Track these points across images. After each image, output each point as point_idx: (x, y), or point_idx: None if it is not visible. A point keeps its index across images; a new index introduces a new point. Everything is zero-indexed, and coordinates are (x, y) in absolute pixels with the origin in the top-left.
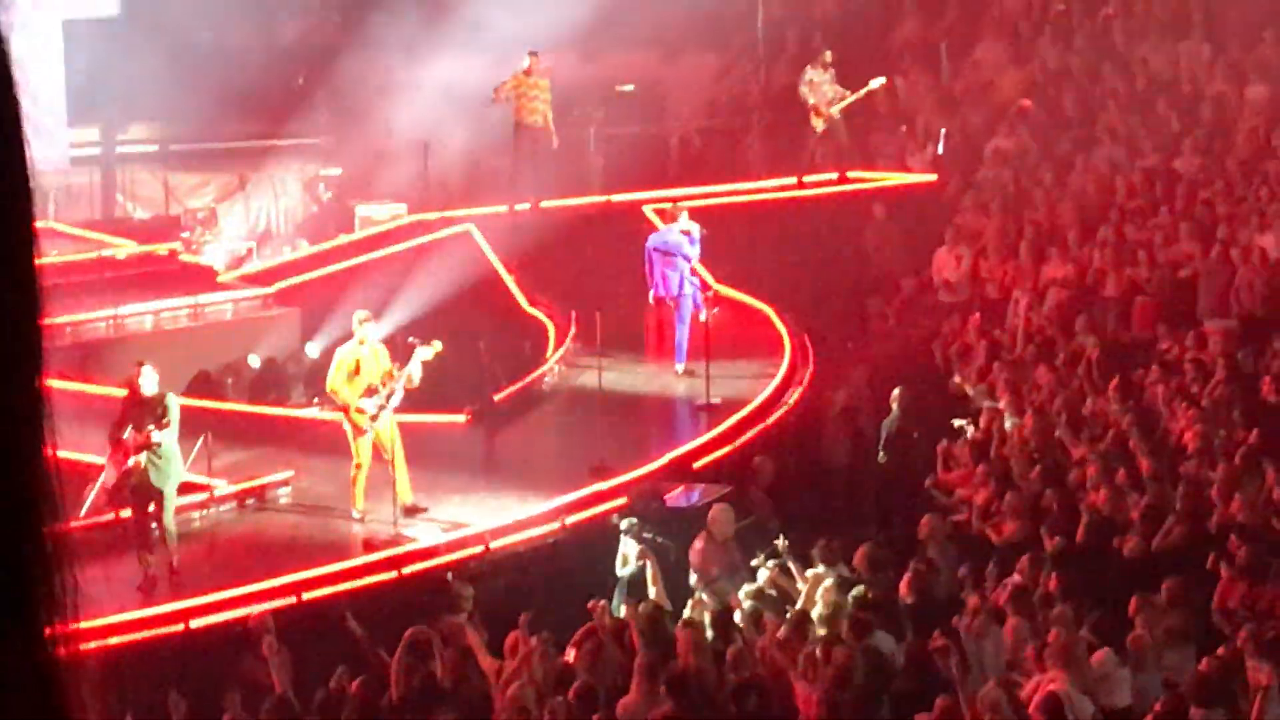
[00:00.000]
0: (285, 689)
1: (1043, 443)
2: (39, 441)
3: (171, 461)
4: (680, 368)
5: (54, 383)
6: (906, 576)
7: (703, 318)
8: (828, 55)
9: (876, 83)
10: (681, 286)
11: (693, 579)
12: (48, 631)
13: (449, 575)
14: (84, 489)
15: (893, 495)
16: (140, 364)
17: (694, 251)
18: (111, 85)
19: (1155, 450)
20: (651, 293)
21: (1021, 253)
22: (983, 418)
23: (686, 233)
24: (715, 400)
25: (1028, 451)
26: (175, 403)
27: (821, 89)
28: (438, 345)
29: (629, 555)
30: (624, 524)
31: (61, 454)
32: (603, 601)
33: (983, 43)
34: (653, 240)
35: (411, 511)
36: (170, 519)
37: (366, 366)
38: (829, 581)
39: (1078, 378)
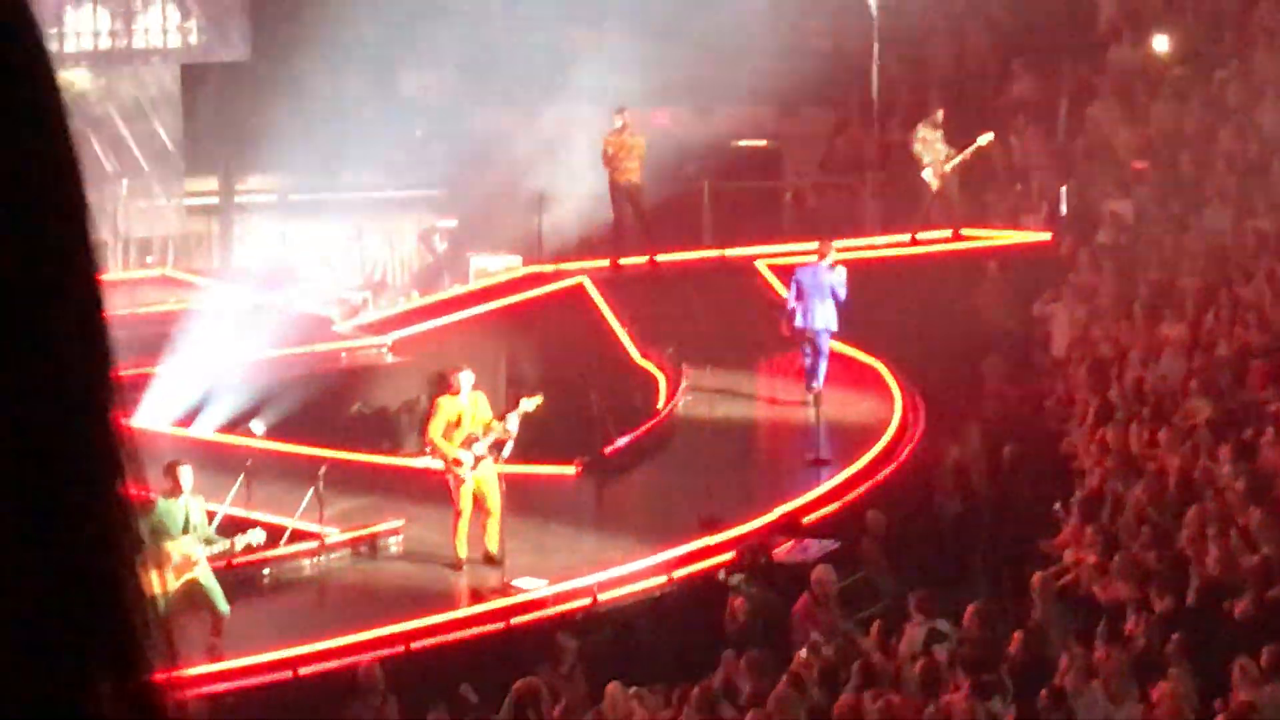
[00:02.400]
0: None
1: (1154, 503)
2: (116, 479)
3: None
4: (817, 385)
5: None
6: (1016, 635)
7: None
8: (939, 114)
9: (985, 139)
10: (826, 322)
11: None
12: (147, 678)
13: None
14: None
15: (1003, 552)
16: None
17: (843, 293)
18: (232, 134)
19: (1268, 512)
20: (790, 323)
21: (1135, 313)
22: (1093, 478)
23: (835, 266)
24: (825, 455)
25: (1138, 512)
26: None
27: (934, 146)
28: (539, 399)
29: (737, 610)
30: (732, 579)
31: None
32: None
33: (1098, 102)
34: (801, 273)
35: (491, 561)
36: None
37: (466, 417)
38: (922, 635)
39: (1190, 439)
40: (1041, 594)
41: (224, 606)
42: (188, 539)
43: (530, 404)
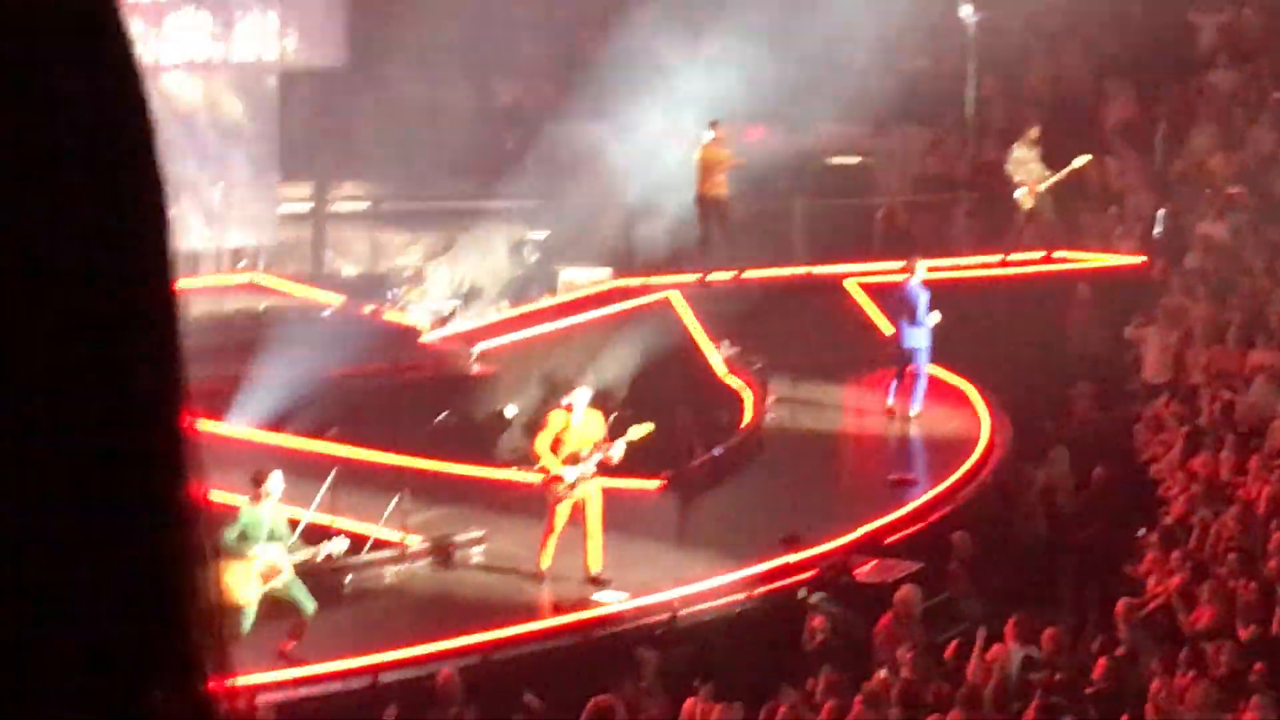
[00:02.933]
0: None
1: (1240, 531)
2: (180, 483)
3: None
4: (915, 409)
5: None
6: (1100, 661)
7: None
8: (1034, 133)
9: (1080, 161)
10: (916, 340)
11: (880, 656)
12: (204, 688)
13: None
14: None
15: (1088, 577)
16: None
17: (925, 314)
18: (326, 141)
19: None
20: (897, 340)
21: (1227, 339)
22: (1179, 504)
23: (926, 284)
24: (909, 475)
25: (1225, 540)
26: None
27: (1028, 166)
28: (649, 427)
29: (816, 629)
30: (813, 598)
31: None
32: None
33: (1196, 126)
34: (900, 292)
35: (595, 582)
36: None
37: (575, 434)
38: (1017, 660)
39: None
40: (1126, 621)
41: (310, 606)
42: (274, 546)
43: (639, 431)
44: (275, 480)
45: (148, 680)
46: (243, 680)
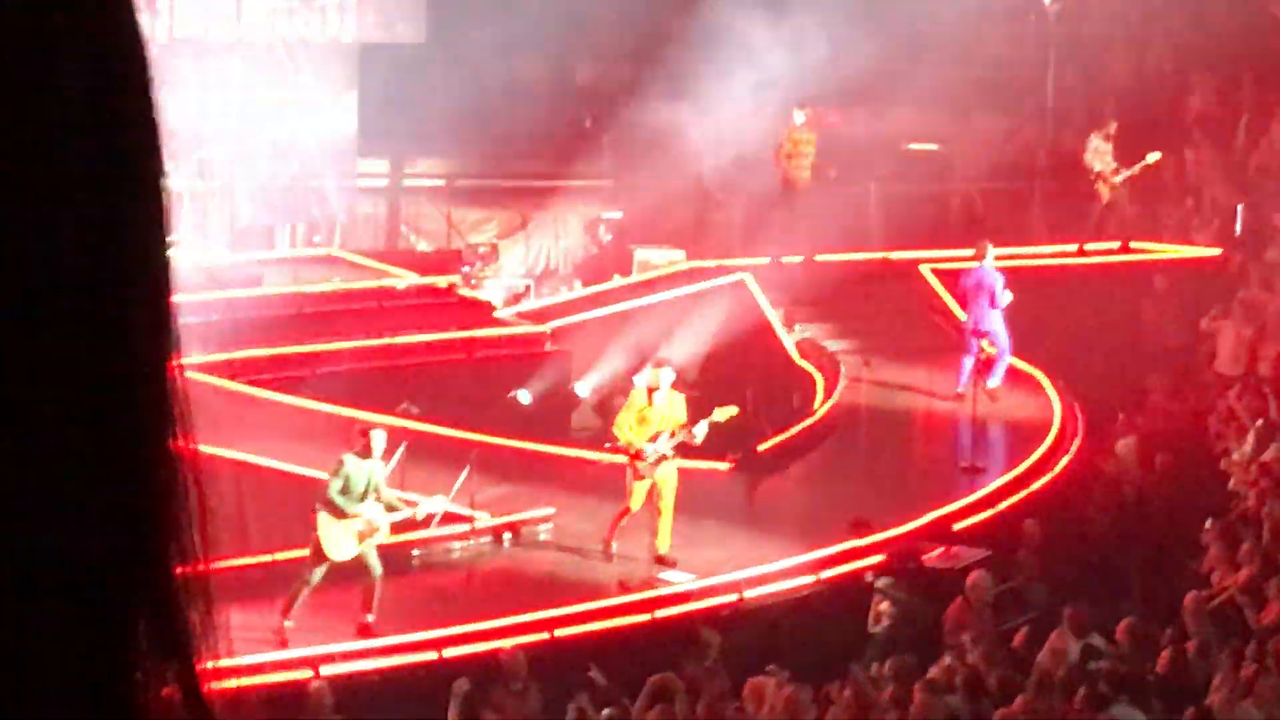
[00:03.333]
0: None
1: None
2: (169, 433)
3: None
4: (993, 383)
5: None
6: (1165, 653)
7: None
8: (1112, 126)
9: (1152, 157)
10: (993, 324)
11: (949, 641)
12: (193, 662)
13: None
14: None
15: (1157, 568)
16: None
17: (1004, 300)
18: (403, 117)
19: None
20: (969, 327)
21: None
22: (1249, 499)
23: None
24: (980, 462)
25: None
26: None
27: (1105, 157)
28: (733, 410)
29: (882, 614)
30: (880, 582)
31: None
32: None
33: (1277, 118)
34: (964, 278)
35: (663, 562)
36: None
37: (656, 414)
38: (1077, 650)
39: None
40: (1193, 614)
41: (378, 570)
42: (371, 504)
43: (723, 414)
44: (378, 437)
45: (133, 651)
46: (306, 652)
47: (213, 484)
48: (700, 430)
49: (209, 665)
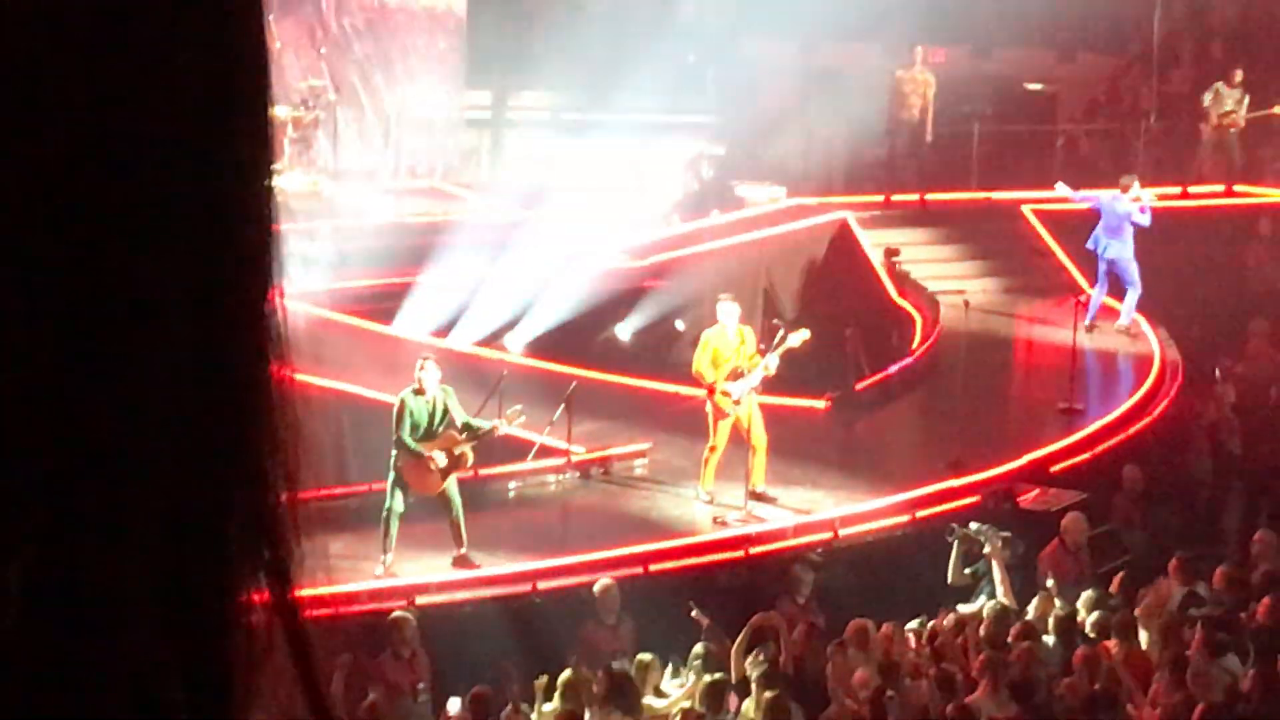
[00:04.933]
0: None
1: None
2: (264, 387)
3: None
4: (1123, 322)
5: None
6: (1265, 600)
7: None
8: (1239, 75)
9: None
10: (1118, 252)
11: (1043, 583)
12: (293, 589)
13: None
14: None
15: (1254, 514)
16: (424, 360)
17: (1144, 219)
18: (509, 49)
19: None
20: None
21: None
22: None
23: (1138, 200)
24: (1078, 405)
25: None
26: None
27: (1223, 102)
28: (805, 334)
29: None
30: (973, 528)
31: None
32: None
33: None
34: (1107, 202)
35: (760, 498)
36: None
37: (732, 349)
38: (1179, 597)
39: None
40: (1262, 554)
41: (458, 504)
42: (449, 434)
43: (796, 339)
44: (430, 370)
45: (236, 571)
46: (401, 582)
47: (312, 413)
48: (773, 360)
49: (308, 592)
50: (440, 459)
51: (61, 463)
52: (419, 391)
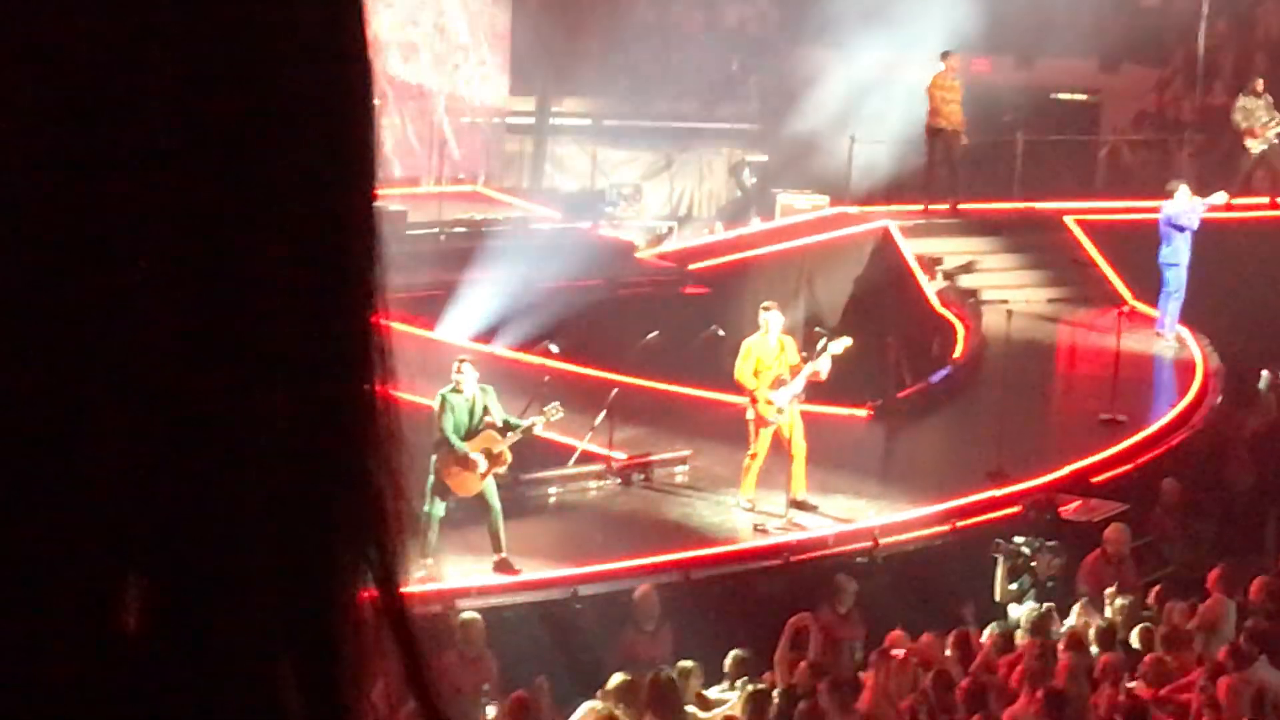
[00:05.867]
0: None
1: None
2: (370, 392)
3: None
4: (1168, 335)
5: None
6: None
7: None
8: (1259, 83)
9: None
10: (1164, 257)
11: (1081, 592)
12: (400, 588)
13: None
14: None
15: None
16: (461, 360)
17: (1193, 221)
18: (552, 55)
19: None
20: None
21: None
22: None
23: (1187, 207)
24: (1120, 416)
25: None
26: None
27: (1256, 114)
28: (848, 340)
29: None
30: (1018, 541)
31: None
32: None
33: None
34: (1164, 212)
35: (801, 506)
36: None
37: (774, 357)
38: (1230, 608)
39: None
40: None
41: (497, 507)
42: (488, 433)
43: (839, 345)
44: (468, 371)
45: (344, 576)
46: (443, 586)
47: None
48: (824, 365)
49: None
50: (481, 461)
51: (181, 474)
52: (457, 390)
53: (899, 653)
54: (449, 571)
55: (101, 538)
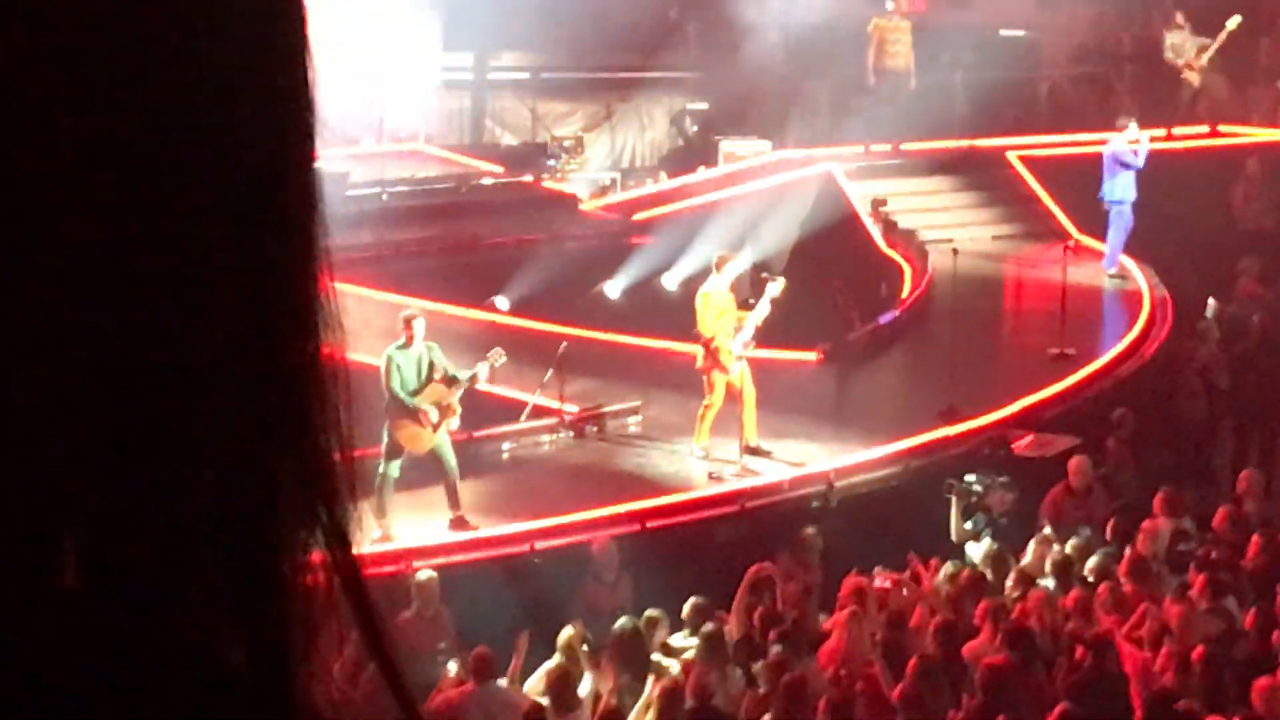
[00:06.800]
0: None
1: None
2: (315, 350)
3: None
4: (1106, 266)
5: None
6: (1255, 539)
7: None
8: (1179, 16)
9: (1233, 23)
10: (1108, 193)
11: (1043, 527)
12: (351, 548)
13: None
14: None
15: (1248, 455)
16: (412, 318)
17: (1137, 162)
18: (486, 10)
19: None
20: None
21: None
22: None
23: (1134, 143)
24: (1069, 350)
25: None
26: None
27: (1184, 49)
28: (783, 282)
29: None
30: (969, 479)
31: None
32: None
33: None
34: (1106, 148)
35: (754, 452)
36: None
37: (726, 305)
38: (1167, 533)
39: None
40: (1248, 491)
41: (453, 463)
42: (436, 386)
43: (776, 288)
44: (419, 325)
45: (291, 536)
46: (399, 545)
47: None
48: (764, 309)
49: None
50: (432, 413)
51: (118, 434)
52: (405, 345)
53: (884, 584)
54: (405, 531)
55: (41, 495)
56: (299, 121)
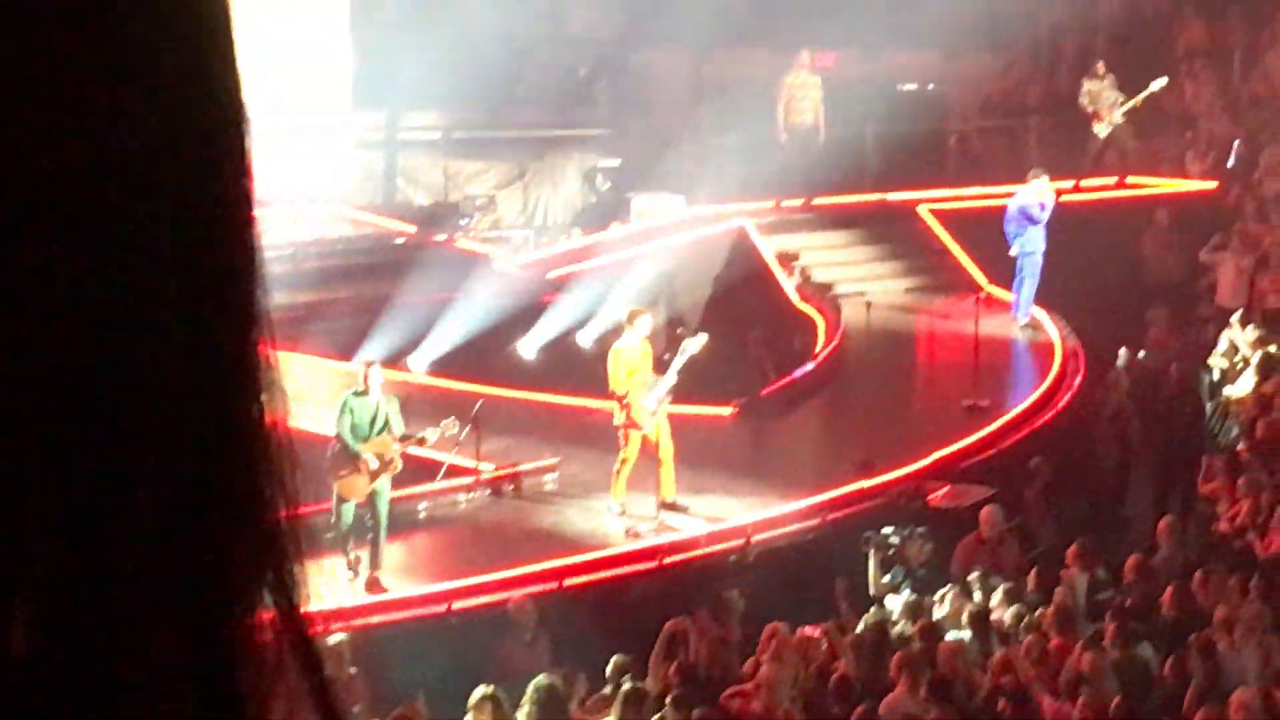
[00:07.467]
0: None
1: None
2: (258, 412)
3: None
4: (1017, 316)
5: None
6: (1170, 587)
7: None
8: (1100, 66)
9: (1158, 84)
10: (1018, 245)
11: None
12: (298, 607)
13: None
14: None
15: (1162, 501)
16: (369, 364)
17: (1042, 217)
18: (398, 69)
19: None
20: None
21: None
22: (1260, 429)
23: (1040, 196)
24: (983, 401)
25: None
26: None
27: (1101, 96)
28: (703, 338)
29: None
30: (885, 532)
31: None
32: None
33: (1273, 49)
34: (1012, 201)
35: (672, 508)
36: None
37: (639, 361)
38: (1083, 583)
39: None
40: (1165, 538)
41: (384, 520)
42: (383, 438)
43: (695, 344)
44: (375, 374)
45: (241, 599)
46: (321, 607)
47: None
48: (677, 365)
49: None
50: (371, 462)
51: (65, 500)
52: (363, 393)
53: (811, 631)
54: (318, 593)
55: None
56: (237, 184)
